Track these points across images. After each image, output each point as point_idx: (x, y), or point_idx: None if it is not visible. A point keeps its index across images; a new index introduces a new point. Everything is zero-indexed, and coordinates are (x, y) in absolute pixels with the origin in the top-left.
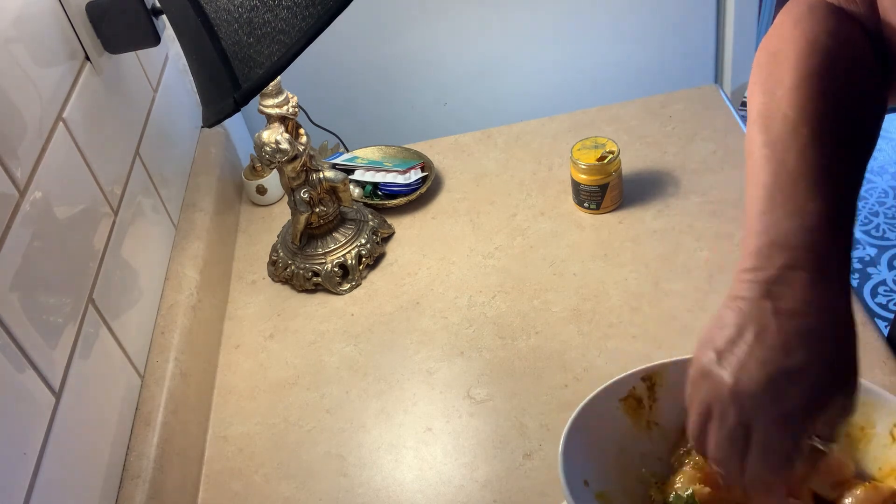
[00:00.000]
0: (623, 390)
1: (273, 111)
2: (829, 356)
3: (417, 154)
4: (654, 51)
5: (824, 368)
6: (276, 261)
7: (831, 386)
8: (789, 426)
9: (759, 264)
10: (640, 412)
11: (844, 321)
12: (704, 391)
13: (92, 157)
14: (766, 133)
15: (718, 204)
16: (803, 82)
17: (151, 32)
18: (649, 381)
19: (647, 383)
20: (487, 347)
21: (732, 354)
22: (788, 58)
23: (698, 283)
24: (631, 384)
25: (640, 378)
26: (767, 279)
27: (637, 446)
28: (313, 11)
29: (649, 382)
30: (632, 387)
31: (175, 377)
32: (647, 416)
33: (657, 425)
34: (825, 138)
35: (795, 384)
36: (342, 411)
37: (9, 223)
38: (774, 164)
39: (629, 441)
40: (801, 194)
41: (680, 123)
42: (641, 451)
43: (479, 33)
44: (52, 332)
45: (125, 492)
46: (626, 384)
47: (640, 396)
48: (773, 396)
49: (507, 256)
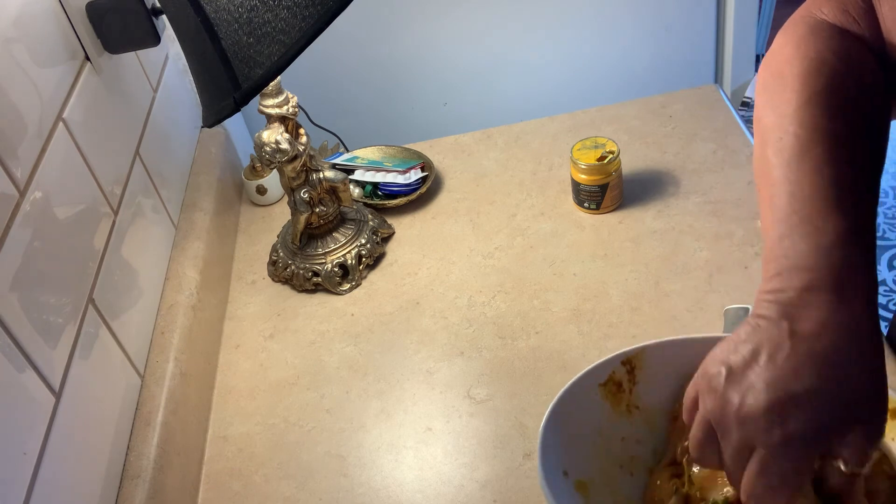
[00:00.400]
0: (603, 375)
1: (273, 111)
2: (842, 381)
3: (417, 154)
4: (654, 51)
5: (834, 394)
6: (276, 261)
7: (843, 412)
8: (790, 451)
9: (779, 286)
10: (621, 396)
11: (863, 343)
12: (710, 406)
13: (92, 157)
14: (779, 154)
15: (718, 204)
16: (811, 100)
17: (151, 32)
18: (629, 364)
19: (626, 367)
20: (487, 347)
21: (743, 374)
22: (794, 78)
23: (698, 283)
24: (610, 368)
25: (619, 362)
26: (787, 301)
27: (617, 431)
28: (313, 11)
29: (629, 366)
30: (611, 371)
31: (175, 377)
32: (628, 400)
33: (637, 408)
34: (838, 156)
35: (801, 409)
36: (342, 411)
37: (9, 223)
38: (788, 185)
39: (609, 426)
40: (817, 214)
41: (680, 123)
42: (622, 436)
43: (479, 33)
44: (52, 332)
45: (125, 492)
46: (606, 369)
47: (620, 380)
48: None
49: (507, 256)
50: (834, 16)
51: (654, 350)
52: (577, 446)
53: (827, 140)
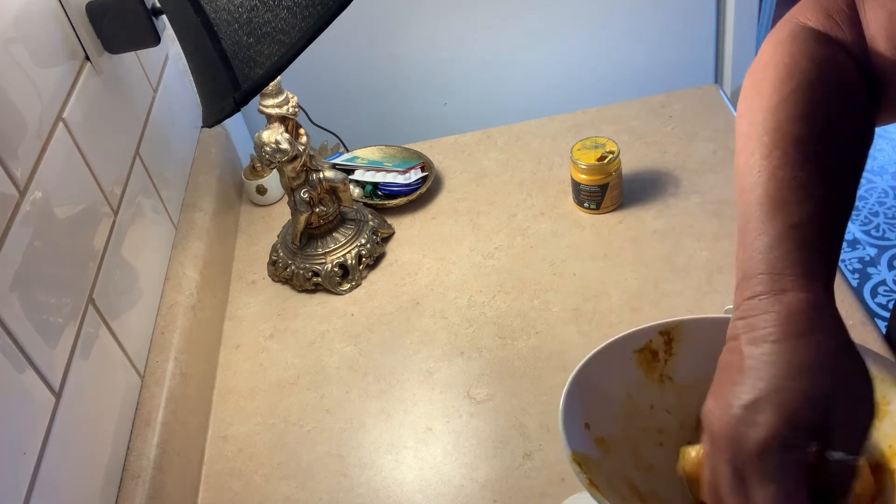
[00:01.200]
0: (639, 342)
1: (273, 111)
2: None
3: (417, 154)
4: (654, 51)
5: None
6: (276, 261)
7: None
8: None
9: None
10: (655, 365)
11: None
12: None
13: (92, 157)
14: (747, 162)
15: (718, 204)
16: (779, 106)
17: (151, 32)
18: (667, 335)
19: (664, 337)
20: (487, 347)
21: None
22: (768, 83)
23: (698, 283)
24: (648, 337)
25: (657, 332)
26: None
27: (646, 398)
28: (313, 11)
29: (667, 337)
30: (649, 339)
31: (175, 377)
32: (662, 370)
33: (670, 379)
34: (795, 158)
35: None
36: (342, 411)
37: (9, 223)
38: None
39: (639, 392)
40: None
41: (680, 123)
42: (651, 403)
43: (479, 33)
44: (52, 332)
45: (125, 492)
46: (643, 337)
47: (657, 349)
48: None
49: (507, 256)
50: (818, 21)
51: (694, 325)
52: (604, 405)
53: (786, 143)
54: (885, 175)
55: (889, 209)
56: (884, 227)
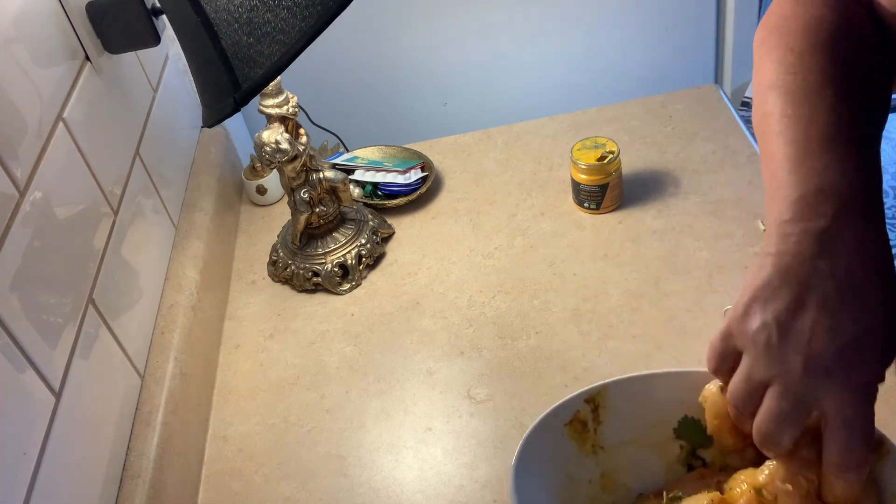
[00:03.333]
0: (567, 415)
1: (273, 111)
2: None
3: (417, 154)
4: (654, 51)
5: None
6: (276, 261)
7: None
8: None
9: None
10: (586, 436)
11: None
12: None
13: (92, 157)
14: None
15: (718, 204)
16: (817, 49)
17: (151, 32)
18: (593, 402)
19: (590, 405)
20: (487, 347)
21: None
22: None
23: (698, 283)
24: (575, 407)
25: (583, 400)
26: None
27: (584, 473)
28: (313, 11)
29: (593, 405)
30: (576, 410)
31: (175, 377)
32: (593, 440)
33: (602, 449)
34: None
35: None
36: (342, 411)
37: (9, 223)
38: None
39: (576, 468)
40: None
41: (680, 123)
42: (589, 478)
43: (479, 33)
44: (52, 332)
45: (125, 492)
46: (571, 408)
47: (585, 419)
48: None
49: (507, 256)
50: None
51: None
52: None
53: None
54: (886, 175)
55: (889, 209)
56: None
